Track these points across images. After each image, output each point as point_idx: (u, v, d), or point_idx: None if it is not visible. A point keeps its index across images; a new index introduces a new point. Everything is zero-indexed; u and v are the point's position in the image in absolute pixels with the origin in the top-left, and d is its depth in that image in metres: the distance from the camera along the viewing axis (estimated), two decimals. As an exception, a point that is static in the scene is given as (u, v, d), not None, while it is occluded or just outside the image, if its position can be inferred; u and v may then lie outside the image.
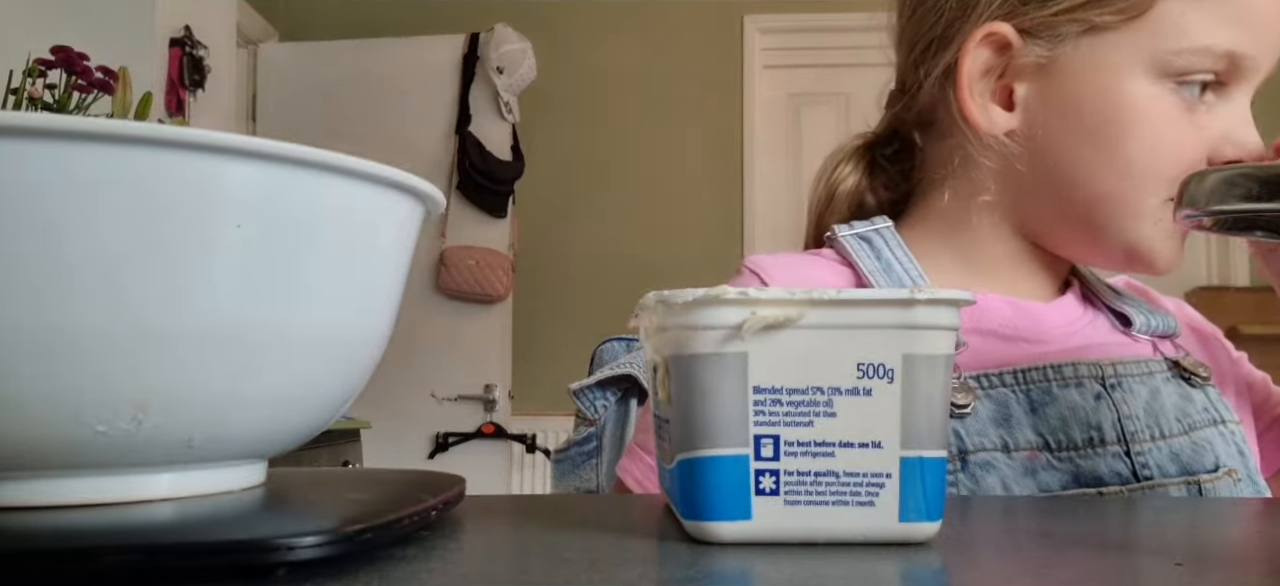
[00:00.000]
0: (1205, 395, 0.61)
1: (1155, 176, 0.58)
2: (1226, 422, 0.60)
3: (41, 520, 0.29)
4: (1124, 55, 0.57)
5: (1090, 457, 0.56)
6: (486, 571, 0.29)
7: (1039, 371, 0.58)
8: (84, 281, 0.27)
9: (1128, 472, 0.56)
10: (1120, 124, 0.58)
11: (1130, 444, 0.56)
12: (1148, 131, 0.57)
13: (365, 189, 0.33)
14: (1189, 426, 0.59)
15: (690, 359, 0.32)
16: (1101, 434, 0.57)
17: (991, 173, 0.62)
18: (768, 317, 0.31)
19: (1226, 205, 0.38)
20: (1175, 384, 0.60)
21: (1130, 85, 0.57)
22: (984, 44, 0.60)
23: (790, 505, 0.32)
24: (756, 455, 0.32)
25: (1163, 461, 0.57)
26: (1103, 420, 0.57)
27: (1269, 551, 0.33)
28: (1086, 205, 0.60)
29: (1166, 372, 0.61)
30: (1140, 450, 0.57)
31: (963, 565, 0.31)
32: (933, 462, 0.32)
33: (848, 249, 0.63)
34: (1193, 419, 0.59)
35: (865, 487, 0.32)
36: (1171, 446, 0.57)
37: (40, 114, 0.26)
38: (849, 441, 0.32)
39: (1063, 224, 0.62)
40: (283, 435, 0.35)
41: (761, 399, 0.32)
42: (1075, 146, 0.59)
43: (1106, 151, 0.58)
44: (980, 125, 0.61)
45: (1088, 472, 0.56)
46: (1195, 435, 0.58)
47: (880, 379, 0.32)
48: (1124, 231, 0.59)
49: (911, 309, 0.31)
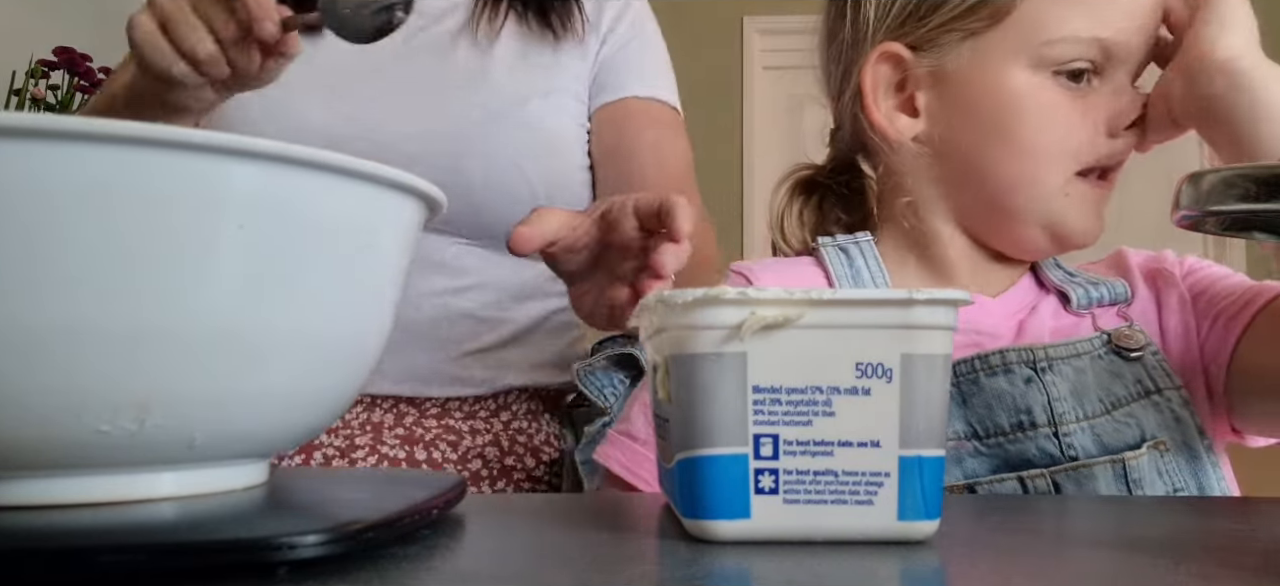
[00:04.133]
0: (1140, 366, 0.63)
1: (1050, 157, 0.64)
2: (1161, 392, 0.62)
3: (43, 519, 0.29)
4: (1002, 53, 0.64)
5: (1020, 441, 0.59)
6: (487, 570, 0.29)
7: (966, 363, 0.61)
8: (86, 282, 0.27)
9: (1057, 452, 0.59)
10: (1010, 114, 0.64)
11: (1059, 425, 0.60)
12: (1036, 117, 0.63)
13: (366, 189, 0.33)
14: (1113, 404, 0.61)
15: (690, 358, 0.32)
16: (1032, 417, 0.60)
17: (915, 177, 0.69)
18: (767, 317, 0.31)
19: (1224, 205, 0.38)
20: (1107, 360, 0.63)
21: (1012, 79, 0.64)
22: (880, 62, 0.67)
23: (789, 504, 0.32)
24: (756, 454, 0.32)
25: (1086, 442, 0.60)
26: (1033, 404, 0.60)
27: (1266, 551, 0.33)
28: (998, 193, 0.65)
29: (1099, 350, 0.63)
30: (1067, 431, 0.60)
31: (961, 564, 0.31)
32: (931, 462, 0.32)
33: (825, 257, 0.69)
34: (1118, 395, 0.62)
35: (864, 486, 0.32)
36: (1094, 426, 0.60)
37: (44, 115, 0.26)
38: (848, 440, 0.32)
39: (986, 213, 0.67)
40: (284, 434, 0.35)
41: (761, 398, 0.32)
42: (977, 141, 0.65)
43: (1003, 141, 0.64)
44: (889, 134, 0.68)
45: (1016, 456, 0.59)
46: (1119, 413, 0.61)
47: (879, 378, 0.32)
48: (1036, 212, 0.65)
49: (910, 309, 0.32)
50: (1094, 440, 0.60)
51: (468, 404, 0.81)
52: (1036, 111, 0.63)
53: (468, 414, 0.80)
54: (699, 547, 0.32)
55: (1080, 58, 0.63)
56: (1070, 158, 0.63)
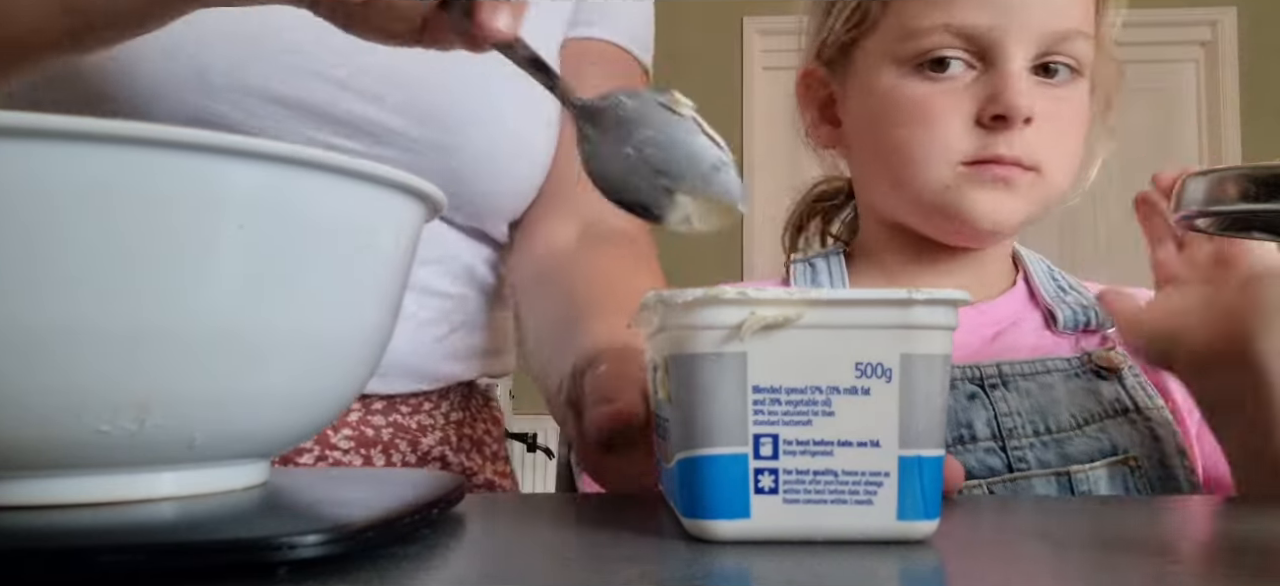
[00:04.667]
0: (1118, 385, 0.64)
1: (925, 151, 0.65)
2: (1139, 410, 0.62)
3: (43, 519, 0.29)
4: (876, 57, 0.67)
5: (959, 454, 0.61)
6: (487, 571, 0.29)
7: None
8: (86, 281, 0.27)
9: (1001, 466, 0.61)
10: (884, 115, 0.67)
11: (1007, 439, 0.61)
12: (905, 114, 0.66)
13: (367, 189, 0.33)
14: (1086, 419, 0.62)
15: (690, 358, 0.32)
16: (973, 431, 0.62)
17: (856, 185, 0.74)
18: (767, 317, 0.31)
19: (1223, 205, 0.38)
20: (1084, 379, 0.64)
21: (883, 80, 0.67)
22: (804, 80, 0.74)
23: (789, 503, 0.32)
24: (755, 454, 0.32)
25: (1045, 455, 0.61)
26: (975, 419, 0.62)
27: (1264, 550, 0.33)
28: (902, 187, 0.67)
29: (1075, 369, 0.64)
30: (1017, 444, 0.61)
31: (961, 563, 0.31)
32: (931, 461, 0.32)
33: (794, 274, 0.73)
34: (1092, 411, 0.62)
35: (863, 486, 0.32)
36: (1059, 440, 0.61)
37: (44, 115, 0.26)
38: (847, 440, 0.32)
39: (909, 210, 0.69)
40: (284, 434, 0.35)
41: (761, 398, 0.32)
42: (874, 142, 0.69)
43: (884, 141, 0.67)
44: (821, 143, 0.74)
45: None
46: (1091, 428, 0.62)
47: (878, 378, 0.32)
48: (936, 201, 0.66)
49: (909, 309, 0.32)
50: (1057, 454, 0.61)
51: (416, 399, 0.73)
52: (904, 107, 0.66)
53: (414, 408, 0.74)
54: (699, 547, 0.32)
55: (936, 48, 0.64)
56: (944, 149, 0.64)
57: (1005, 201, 0.64)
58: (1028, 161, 0.63)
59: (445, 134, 0.67)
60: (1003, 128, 0.63)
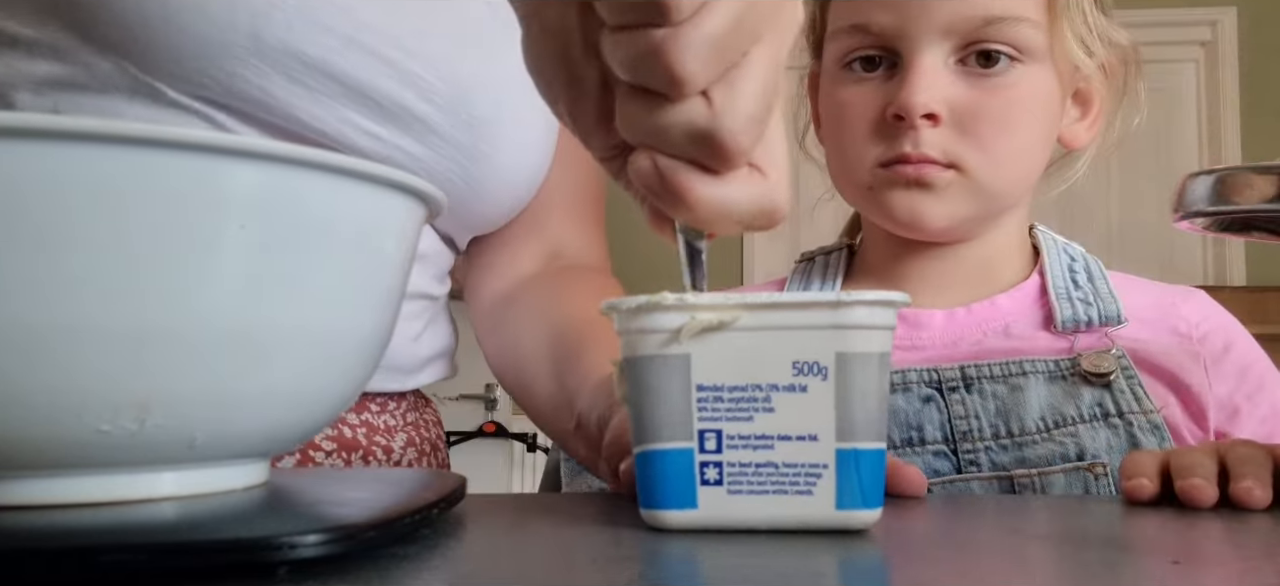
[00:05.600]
0: (1105, 390, 0.62)
1: (849, 150, 0.66)
2: (1123, 415, 0.61)
3: (43, 519, 0.29)
4: (827, 60, 0.69)
5: (907, 456, 0.61)
6: (487, 570, 0.29)
7: None
8: (87, 281, 0.27)
9: (950, 468, 0.61)
10: (827, 115, 0.69)
11: (959, 442, 0.61)
12: (834, 112, 0.67)
13: (367, 190, 0.33)
14: (1056, 422, 0.61)
15: (640, 360, 0.35)
16: (922, 434, 0.62)
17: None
18: (705, 321, 0.33)
19: (1224, 205, 0.38)
20: (1066, 382, 0.62)
21: (825, 83, 0.69)
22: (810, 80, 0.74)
23: (733, 494, 0.34)
24: (701, 448, 0.34)
25: (1002, 458, 0.60)
26: (926, 422, 0.62)
27: (1263, 551, 0.33)
28: (842, 189, 0.69)
29: (1062, 371, 0.63)
30: (971, 448, 0.61)
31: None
32: (868, 454, 0.34)
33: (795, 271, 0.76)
34: (1066, 415, 0.61)
35: (803, 478, 0.34)
36: (1017, 443, 0.61)
37: (49, 116, 0.26)
38: (787, 435, 0.34)
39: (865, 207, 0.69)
40: (285, 434, 0.35)
41: (704, 396, 0.34)
42: (826, 144, 0.71)
43: (828, 141, 0.70)
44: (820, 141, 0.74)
45: None
46: (1060, 433, 0.61)
47: (814, 376, 0.34)
48: (863, 202, 0.68)
49: (840, 310, 0.33)
50: (1014, 458, 0.60)
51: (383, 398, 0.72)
52: (832, 110, 0.68)
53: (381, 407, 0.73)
54: (698, 547, 0.32)
55: (852, 49, 0.65)
56: (859, 151, 0.65)
57: (923, 201, 0.63)
58: (943, 159, 0.62)
59: (479, 141, 0.66)
60: (905, 127, 0.62)
